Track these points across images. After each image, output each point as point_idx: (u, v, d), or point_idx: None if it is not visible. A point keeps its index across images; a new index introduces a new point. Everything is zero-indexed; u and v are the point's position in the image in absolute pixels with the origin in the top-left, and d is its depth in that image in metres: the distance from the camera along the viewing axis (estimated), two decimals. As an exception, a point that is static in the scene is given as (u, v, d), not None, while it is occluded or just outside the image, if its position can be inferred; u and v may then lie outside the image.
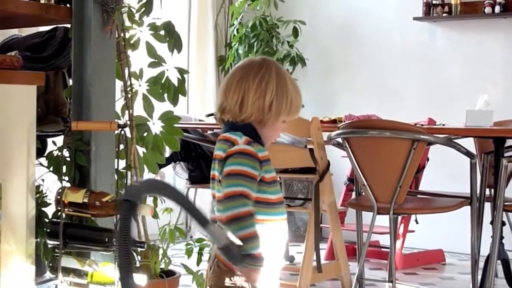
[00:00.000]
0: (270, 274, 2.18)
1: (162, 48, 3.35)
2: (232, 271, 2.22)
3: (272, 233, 2.14)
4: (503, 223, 4.03)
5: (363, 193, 4.07)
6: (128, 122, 3.29)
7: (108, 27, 3.16)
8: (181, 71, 3.43)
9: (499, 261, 4.24)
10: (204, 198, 5.55)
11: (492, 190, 3.99)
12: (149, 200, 3.37)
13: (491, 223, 3.89)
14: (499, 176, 3.85)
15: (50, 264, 3.12)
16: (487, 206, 4.05)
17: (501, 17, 5.25)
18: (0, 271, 2.73)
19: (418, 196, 4.53)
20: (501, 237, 3.99)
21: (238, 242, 2.01)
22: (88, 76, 3.16)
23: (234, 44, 5.99)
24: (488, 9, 5.24)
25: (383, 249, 5.14)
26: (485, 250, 3.93)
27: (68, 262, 2.94)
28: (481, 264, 4.03)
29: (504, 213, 3.99)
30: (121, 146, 3.29)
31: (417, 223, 5.12)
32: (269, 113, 2.12)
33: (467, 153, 3.96)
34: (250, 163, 2.08)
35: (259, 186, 2.11)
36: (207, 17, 6.04)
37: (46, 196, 3.33)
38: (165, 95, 3.33)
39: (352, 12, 5.93)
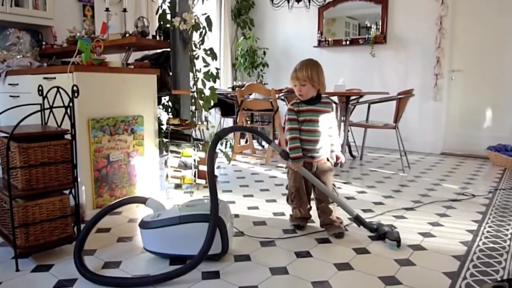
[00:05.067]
0: (301, 165, 2.03)
1: (208, 59, 3.32)
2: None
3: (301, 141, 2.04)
4: (349, 131, 4.11)
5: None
6: (195, 90, 3.30)
7: (186, 50, 3.13)
8: (217, 69, 3.40)
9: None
10: (227, 123, 5.58)
11: (344, 117, 4.04)
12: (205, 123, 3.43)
13: (344, 130, 3.97)
14: (347, 111, 3.92)
15: (164, 149, 3.19)
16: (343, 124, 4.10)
17: (349, 46, 5.20)
18: (145, 151, 2.79)
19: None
20: (348, 136, 4.08)
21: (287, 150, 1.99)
22: (178, 71, 3.12)
23: (239, 58, 5.93)
24: (344, 43, 5.20)
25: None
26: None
27: (172, 147, 2.99)
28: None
29: (349, 127, 4.06)
30: (193, 100, 3.31)
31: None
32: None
33: (334, 102, 3.99)
34: (290, 113, 2.08)
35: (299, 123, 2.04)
36: (228, 45, 5.92)
37: (162, 121, 3.34)
38: (210, 79, 3.31)
39: (287, 43, 5.80)
